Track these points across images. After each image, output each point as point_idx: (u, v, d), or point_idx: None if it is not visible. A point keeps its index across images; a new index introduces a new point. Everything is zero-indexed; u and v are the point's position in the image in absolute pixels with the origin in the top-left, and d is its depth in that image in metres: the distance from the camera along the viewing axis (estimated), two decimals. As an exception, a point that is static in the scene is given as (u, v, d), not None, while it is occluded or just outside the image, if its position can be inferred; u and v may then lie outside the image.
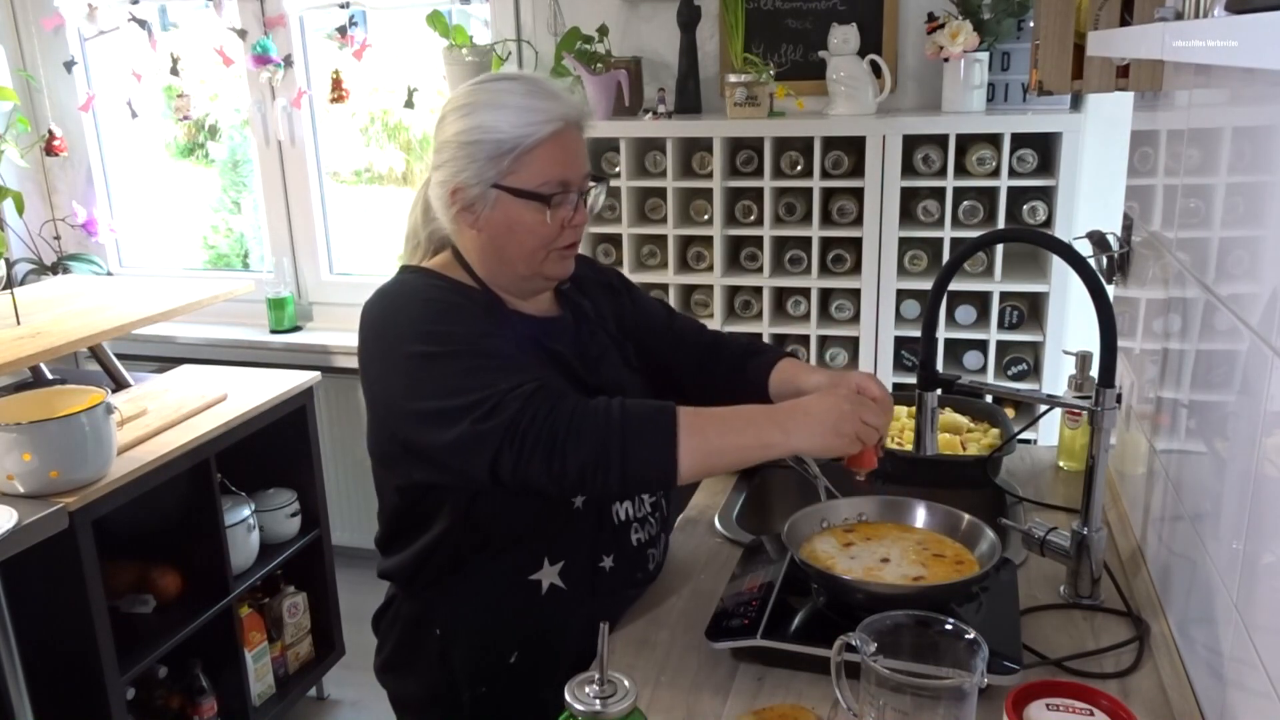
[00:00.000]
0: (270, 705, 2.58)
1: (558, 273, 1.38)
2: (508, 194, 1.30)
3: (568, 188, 1.32)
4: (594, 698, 0.91)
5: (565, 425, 1.18)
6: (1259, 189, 0.97)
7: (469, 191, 1.31)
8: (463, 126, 1.30)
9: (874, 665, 1.00)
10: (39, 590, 1.99)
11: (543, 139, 1.29)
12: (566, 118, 1.31)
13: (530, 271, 1.36)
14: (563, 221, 1.33)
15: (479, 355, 1.25)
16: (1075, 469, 1.77)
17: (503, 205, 1.31)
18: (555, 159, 1.30)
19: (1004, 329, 2.53)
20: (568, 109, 1.31)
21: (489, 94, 1.31)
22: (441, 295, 1.32)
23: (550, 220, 1.31)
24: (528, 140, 1.28)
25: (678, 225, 2.70)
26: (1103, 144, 2.43)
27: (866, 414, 1.24)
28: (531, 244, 1.33)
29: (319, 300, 3.49)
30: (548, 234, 1.32)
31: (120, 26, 3.27)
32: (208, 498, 2.33)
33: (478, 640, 1.38)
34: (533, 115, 1.28)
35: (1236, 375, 1.00)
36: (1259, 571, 0.91)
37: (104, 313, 2.50)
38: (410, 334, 1.28)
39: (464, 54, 2.83)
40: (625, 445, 1.18)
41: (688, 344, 1.56)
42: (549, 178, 1.30)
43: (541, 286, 1.41)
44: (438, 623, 1.39)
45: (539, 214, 1.31)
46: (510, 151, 1.28)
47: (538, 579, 1.35)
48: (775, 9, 2.76)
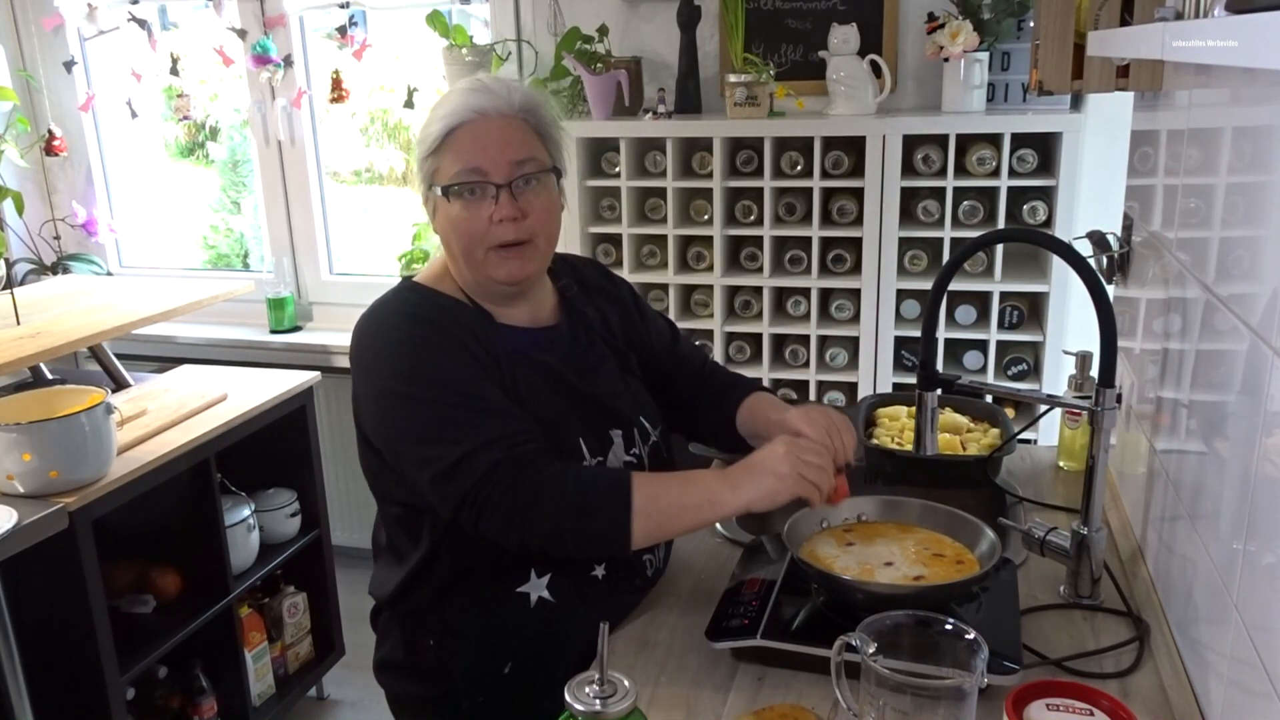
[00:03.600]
0: (270, 705, 2.58)
1: (501, 275, 1.32)
2: (440, 194, 1.31)
3: (484, 177, 1.28)
4: (594, 698, 0.91)
5: (524, 501, 1.21)
6: (1259, 189, 0.97)
7: (425, 195, 1.34)
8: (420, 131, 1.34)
9: (874, 665, 1.00)
10: (39, 590, 1.99)
11: (451, 129, 1.29)
12: (482, 109, 1.29)
13: (480, 275, 1.33)
14: (487, 217, 1.29)
15: (448, 405, 1.25)
16: (1075, 469, 1.77)
17: (441, 206, 1.32)
18: (464, 149, 1.29)
19: (1004, 329, 2.53)
20: (488, 101, 1.29)
21: (443, 96, 1.34)
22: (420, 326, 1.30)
23: (468, 213, 1.29)
24: (437, 135, 1.29)
25: (678, 225, 2.70)
26: (1103, 144, 2.43)
27: (804, 453, 1.24)
28: (464, 243, 1.31)
29: (319, 300, 3.49)
30: (475, 230, 1.29)
31: (120, 26, 3.27)
32: (208, 498, 2.33)
33: (471, 652, 1.36)
34: (454, 108, 1.29)
35: (1236, 375, 1.00)
36: (1259, 571, 0.91)
37: (104, 313, 2.49)
38: (385, 369, 1.28)
39: (464, 54, 2.83)
40: (580, 523, 1.22)
41: (687, 370, 1.56)
42: (459, 168, 1.29)
43: (500, 291, 1.36)
44: (431, 634, 1.38)
45: (467, 208, 1.29)
46: (435, 150, 1.30)
47: (525, 592, 1.34)
48: (775, 9, 2.76)
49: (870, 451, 1.71)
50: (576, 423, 1.36)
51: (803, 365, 2.71)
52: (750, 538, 1.55)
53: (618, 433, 1.40)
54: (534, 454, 1.24)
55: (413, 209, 3.56)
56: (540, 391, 1.34)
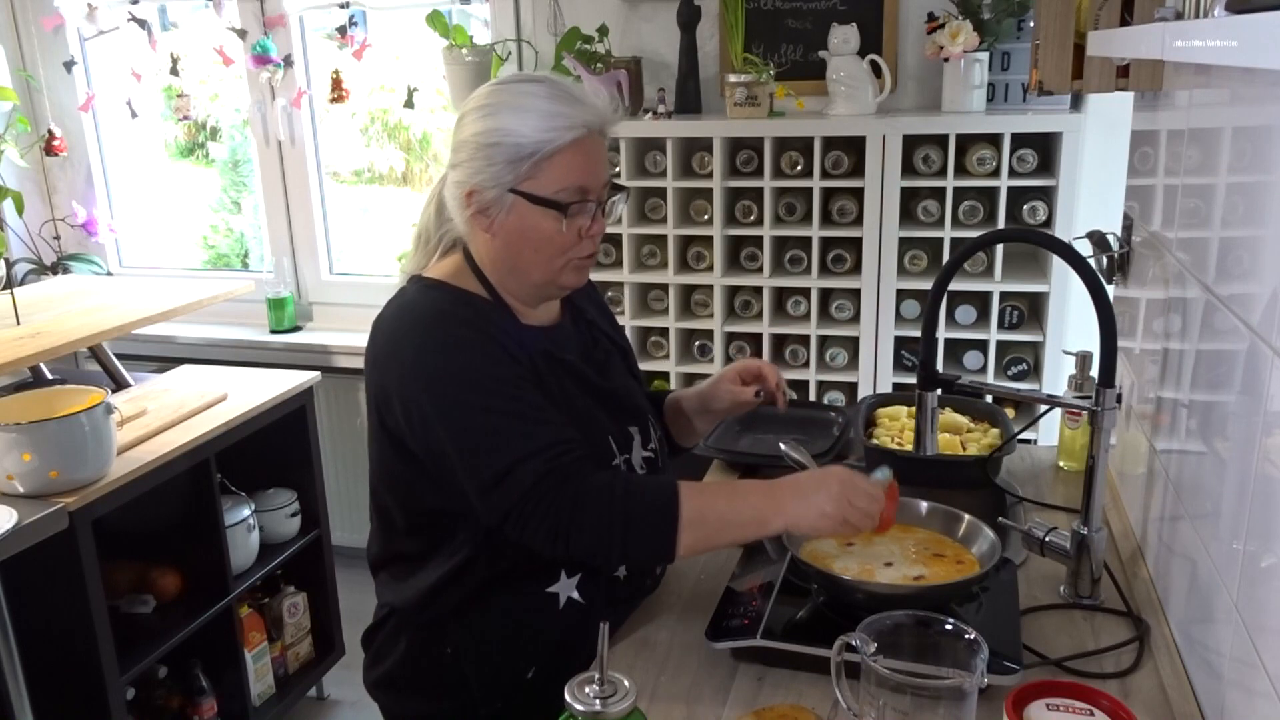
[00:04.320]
0: (270, 705, 2.58)
1: (572, 282, 1.35)
2: (524, 200, 1.27)
3: (586, 196, 1.28)
4: (594, 698, 0.91)
5: (569, 511, 1.20)
6: (1259, 189, 0.97)
7: (485, 195, 1.28)
8: (482, 128, 1.27)
9: (874, 665, 1.00)
10: (39, 590, 1.99)
11: (563, 145, 1.25)
12: (589, 124, 1.27)
13: (545, 280, 1.33)
14: (580, 231, 1.29)
15: (495, 412, 1.23)
16: (1075, 469, 1.77)
17: (519, 211, 1.28)
18: (575, 166, 1.27)
19: (1004, 329, 2.53)
20: (591, 115, 1.27)
21: (511, 95, 1.28)
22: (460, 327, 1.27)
23: (567, 229, 1.28)
24: (548, 146, 1.25)
25: (678, 225, 2.70)
26: (1103, 144, 2.43)
27: (855, 496, 1.23)
28: (548, 252, 1.29)
29: (319, 300, 3.49)
30: (564, 243, 1.29)
31: (120, 26, 3.27)
32: (208, 498, 2.33)
33: (494, 658, 1.35)
34: (555, 120, 1.25)
35: (1236, 375, 1.00)
36: (1259, 571, 0.91)
37: (104, 313, 2.50)
38: (427, 372, 1.25)
39: (464, 54, 2.83)
40: (627, 536, 1.21)
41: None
42: (567, 185, 1.26)
43: (554, 295, 1.38)
44: (449, 642, 1.35)
45: (556, 222, 1.27)
46: (530, 156, 1.25)
47: (555, 592, 1.33)
48: (775, 9, 2.76)
49: (870, 451, 1.71)
50: (604, 421, 1.36)
51: (803, 365, 2.71)
52: (750, 538, 1.55)
53: (635, 429, 1.41)
54: (578, 463, 1.23)
55: (413, 209, 3.56)
56: (569, 391, 1.34)
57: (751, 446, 1.87)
